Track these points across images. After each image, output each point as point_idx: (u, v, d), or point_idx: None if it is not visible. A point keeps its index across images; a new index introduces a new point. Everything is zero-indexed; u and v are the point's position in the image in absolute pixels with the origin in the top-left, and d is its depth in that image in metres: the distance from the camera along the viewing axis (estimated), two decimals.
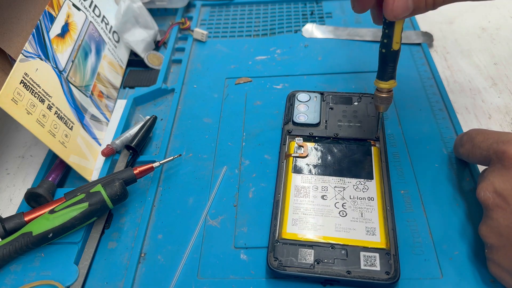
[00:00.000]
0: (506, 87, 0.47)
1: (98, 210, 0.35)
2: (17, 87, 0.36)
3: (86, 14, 0.49)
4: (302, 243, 0.33)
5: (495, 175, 0.30)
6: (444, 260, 0.33)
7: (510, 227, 0.28)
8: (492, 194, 0.29)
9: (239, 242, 0.36)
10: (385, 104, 0.36)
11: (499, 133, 0.32)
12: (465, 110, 0.45)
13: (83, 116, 0.44)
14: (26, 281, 0.34)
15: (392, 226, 0.34)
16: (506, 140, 0.30)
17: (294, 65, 0.52)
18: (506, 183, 0.29)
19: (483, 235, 0.30)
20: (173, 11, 0.62)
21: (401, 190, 0.38)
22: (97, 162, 0.43)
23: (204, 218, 0.38)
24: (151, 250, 0.36)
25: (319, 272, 0.31)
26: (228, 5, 0.63)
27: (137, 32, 0.54)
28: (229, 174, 0.41)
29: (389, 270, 0.31)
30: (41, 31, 0.41)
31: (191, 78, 0.52)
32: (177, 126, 0.46)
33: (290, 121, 0.42)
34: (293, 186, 0.37)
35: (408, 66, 0.50)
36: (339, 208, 0.35)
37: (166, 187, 0.41)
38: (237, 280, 0.33)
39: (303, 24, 0.58)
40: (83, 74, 0.46)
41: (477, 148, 0.33)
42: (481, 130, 0.34)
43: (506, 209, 0.28)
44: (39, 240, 0.34)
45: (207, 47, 0.56)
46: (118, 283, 0.34)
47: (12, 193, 0.43)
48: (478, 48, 0.52)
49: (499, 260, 0.30)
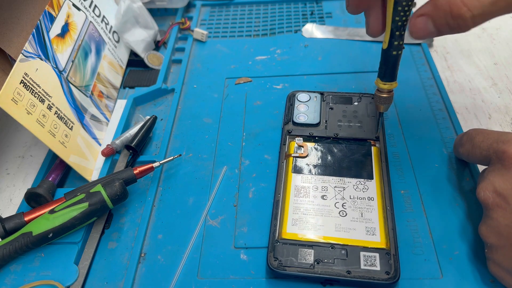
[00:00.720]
0: (506, 87, 0.47)
1: (98, 210, 0.35)
2: (17, 87, 0.36)
3: (86, 14, 0.49)
4: (302, 243, 0.33)
5: (495, 175, 0.30)
6: (444, 260, 0.33)
7: (510, 227, 0.28)
8: (492, 194, 0.29)
9: (239, 242, 0.36)
10: (386, 104, 0.36)
11: (499, 133, 0.32)
12: (465, 110, 0.45)
13: (83, 116, 0.44)
14: (26, 281, 0.34)
15: (392, 226, 0.34)
16: (506, 140, 0.30)
17: (294, 65, 0.52)
18: (506, 182, 0.29)
19: (483, 235, 0.30)
20: (173, 11, 0.62)
21: (401, 190, 0.38)
22: (97, 162, 0.43)
23: (204, 218, 0.38)
24: (151, 250, 0.36)
25: (319, 272, 0.31)
26: (228, 5, 0.63)
27: (137, 32, 0.54)
28: (229, 174, 0.41)
29: (389, 270, 0.31)
30: (41, 31, 0.41)
31: (191, 78, 0.52)
32: (177, 126, 0.46)
33: (290, 121, 0.42)
34: (293, 186, 0.37)
35: (408, 66, 0.50)
36: (339, 208, 0.35)
37: (166, 187, 0.41)
38: (237, 280, 0.33)
39: (303, 24, 0.58)
40: (83, 74, 0.46)
41: (477, 148, 0.33)
42: (481, 130, 0.34)
43: (506, 209, 0.28)
44: (39, 240, 0.34)
45: (207, 47, 0.56)
46: (118, 283, 0.34)
47: (12, 193, 0.43)
48: (478, 48, 0.52)
49: (499, 260, 0.30)
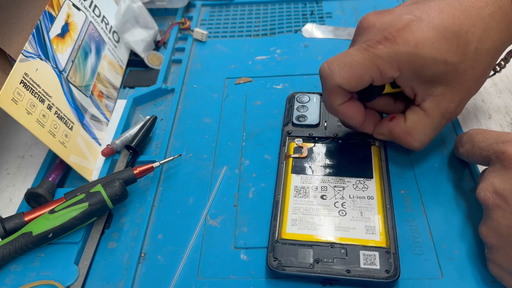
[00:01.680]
0: (506, 87, 0.47)
1: (98, 210, 0.35)
2: (17, 87, 0.36)
3: (86, 14, 0.49)
4: (301, 243, 0.33)
5: (495, 175, 0.30)
6: (444, 260, 0.33)
7: (510, 227, 0.28)
8: (492, 194, 0.29)
9: (239, 242, 0.36)
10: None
11: (499, 133, 0.32)
12: (465, 110, 0.45)
13: (83, 116, 0.44)
14: (26, 281, 0.34)
15: (392, 224, 0.34)
16: (506, 140, 0.30)
17: (294, 65, 0.52)
18: (506, 183, 0.29)
19: (483, 235, 0.30)
20: (173, 11, 0.62)
21: (401, 190, 0.38)
22: (97, 162, 0.43)
23: (204, 218, 0.38)
24: (151, 250, 0.36)
25: (318, 271, 0.31)
26: (228, 5, 0.63)
27: (137, 32, 0.54)
28: (229, 174, 0.41)
29: (389, 268, 0.31)
30: (41, 31, 0.41)
31: (191, 78, 0.52)
32: (177, 126, 0.46)
33: (289, 122, 0.42)
34: (293, 186, 0.37)
35: None
36: (338, 208, 0.35)
37: (166, 187, 0.41)
38: (237, 280, 0.33)
39: (303, 24, 0.58)
40: (83, 74, 0.46)
41: (477, 148, 0.33)
42: (481, 130, 0.34)
43: (506, 209, 0.28)
44: (39, 240, 0.34)
45: (207, 47, 0.56)
46: (118, 283, 0.34)
47: (12, 193, 0.43)
48: None
49: (499, 260, 0.30)
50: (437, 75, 0.32)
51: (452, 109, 0.34)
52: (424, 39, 0.30)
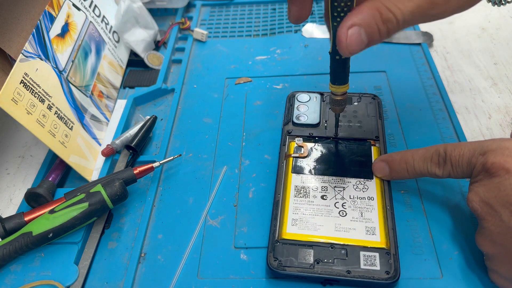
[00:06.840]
0: (506, 87, 0.47)
1: (98, 210, 0.35)
2: (17, 87, 0.36)
3: (86, 14, 0.49)
4: (302, 243, 0.33)
5: (478, 185, 0.30)
6: (444, 260, 0.33)
7: (502, 234, 0.28)
8: (479, 204, 0.30)
9: (239, 242, 0.36)
10: (340, 106, 0.36)
11: (474, 145, 0.31)
12: (465, 110, 0.45)
13: (83, 116, 0.44)
14: (26, 281, 0.34)
15: (392, 225, 0.34)
16: (483, 152, 0.30)
17: (294, 65, 0.52)
18: (490, 192, 0.29)
19: (479, 244, 0.31)
20: (173, 11, 0.62)
21: (401, 190, 0.38)
22: (97, 162, 0.43)
23: (204, 218, 0.38)
24: (151, 250, 0.36)
25: (319, 272, 0.31)
26: (228, 5, 0.63)
27: (137, 32, 0.54)
28: (229, 174, 0.41)
29: (389, 269, 0.31)
30: (41, 31, 0.41)
31: (191, 78, 0.52)
32: (177, 126, 0.46)
33: (290, 121, 0.42)
34: (293, 186, 0.37)
35: (408, 66, 0.50)
36: (339, 208, 0.35)
37: (166, 187, 0.41)
38: (237, 280, 0.33)
39: (303, 24, 0.58)
40: (83, 74, 0.46)
41: (458, 167, 0.32)
42: (454, 145, 0.32)
43: (495, 217, 0.29)
44: (39, 240, 0.34)
45: (207, 47, 0.56)
46: (118, 283, 0.34)
47: (12, 193, 0.43)
48: (478, 48, 0.52)
49: (497, 267, 0.30)
50: None
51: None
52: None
